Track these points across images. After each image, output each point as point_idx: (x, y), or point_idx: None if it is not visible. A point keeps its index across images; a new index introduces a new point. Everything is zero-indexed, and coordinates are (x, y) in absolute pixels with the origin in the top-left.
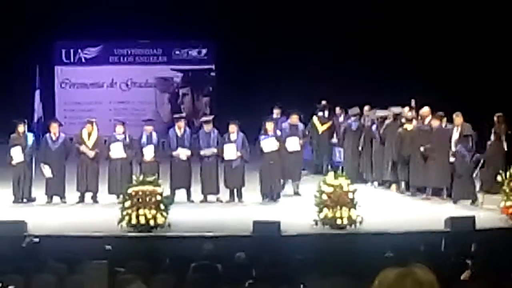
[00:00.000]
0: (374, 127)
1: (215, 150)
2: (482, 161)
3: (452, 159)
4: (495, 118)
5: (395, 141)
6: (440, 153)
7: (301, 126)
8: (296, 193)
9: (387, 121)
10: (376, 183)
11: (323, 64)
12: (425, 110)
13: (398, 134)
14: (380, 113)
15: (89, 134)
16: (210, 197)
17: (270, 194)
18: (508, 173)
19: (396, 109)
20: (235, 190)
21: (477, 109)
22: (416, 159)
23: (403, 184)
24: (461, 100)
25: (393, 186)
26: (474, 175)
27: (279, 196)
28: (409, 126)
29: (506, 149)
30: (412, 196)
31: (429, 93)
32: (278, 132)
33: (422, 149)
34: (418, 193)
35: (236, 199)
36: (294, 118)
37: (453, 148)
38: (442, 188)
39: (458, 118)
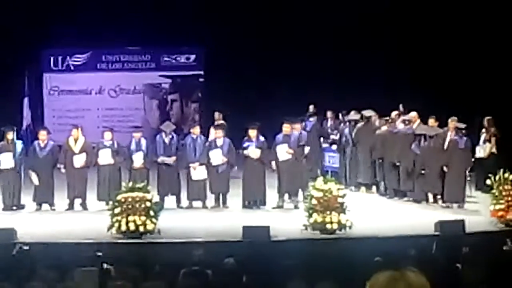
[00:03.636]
0: (347, 130)
1: (174, 158)
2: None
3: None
4: (485, 122)
5: (371, 145)
6: (406, 156)
7: (295, 134)
8: (296, 207)
9: (358, 125)
10: (358, 184)
11: (313, 69)
12: (413, 114)
13: (376, 137)
14: (352, 116)
15: (76, 140)
16: (196, 203)
17: (253, 201)
18: (497, 176)
19: (367, 112)
20: (220, 196)
21: (467, 112)
22: (388, 162)
23: (381, 186)
24: (451, 104)
25: (363, 188)
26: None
27: (263, 203)
28: (382, 130)
29: (496, 152)
30: (390, 198)
31: (419, 97)
32: (262, 138)
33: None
34: (395, 196)
35: (221, 204)
36: (287, 128)
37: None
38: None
39: (432, 120)
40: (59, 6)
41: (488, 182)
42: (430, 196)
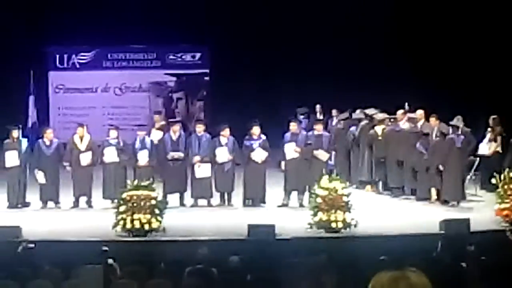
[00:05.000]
0: (353, 128)
1: (181, 154)
2: (477, 163)
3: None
4: (490, 121)
5: (367, 143)
6: (411, 155)
7: (303, 134)
8: (301, 205)
9: (361, 123)
10: (358, 183)
11: (318, 67)
12: (419, 113)
13: (369, 136)
14: (355, 115)
15: (81, 138)
16: (201, 201)
17: (254, 198)
18: (502, 175)
19: (370, 111)
20: (225, 194)
21: (473, 111)
22: (390, 160)
23: (380, 184)
24: (456, 103)
25: (368, 186)
26: (469, 177)
27: (263, 201)
28: (378, 129)
29: (501, 151)
30: (394, 196)
31: (426, 95)
32: (263, 136)
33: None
34: (399, 193)
35: (226, 202)
36: (293, 127)
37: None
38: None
39: (433, 119)
40: (64, 4)
41: (493, 181)
42: (433, 192)
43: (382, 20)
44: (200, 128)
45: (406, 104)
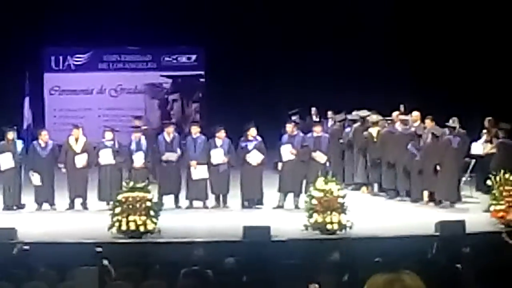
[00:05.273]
0: (348, 130)
1: (175, 155)
2: (472, 164)
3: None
4: (485, 122)
5: (361, 145)
6: (404, 156)
7: (300, 136)
8: (296, 206)
9: (355, 125)
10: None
11: (314, 69)
12: (415, 114)
13: (364, 138)
14: (350, 116)
15: (77, 140)
16: (196, 203)
17: (251, 200)
18: (498, 177)
19: (363, 113)
20: (220, 196)
21: (469, 112)
22: (385, 162)
23: (375, 186)
24: (453, 104)
25: (363, 188)
26: (464, 178)
27: (260, 203)
28: (373, 131)
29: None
30: (389, 198)
31: (422, 97)
32: (259, 138)
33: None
34: (394, 194)
35: (221, 204)
36: (290, 128)
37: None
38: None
39: (428, 121)
40: (60, 6)
41: (488, 182)
42: (425, 194)
43: (381, 21)
44: (195, 130)
45: (401, 106)
